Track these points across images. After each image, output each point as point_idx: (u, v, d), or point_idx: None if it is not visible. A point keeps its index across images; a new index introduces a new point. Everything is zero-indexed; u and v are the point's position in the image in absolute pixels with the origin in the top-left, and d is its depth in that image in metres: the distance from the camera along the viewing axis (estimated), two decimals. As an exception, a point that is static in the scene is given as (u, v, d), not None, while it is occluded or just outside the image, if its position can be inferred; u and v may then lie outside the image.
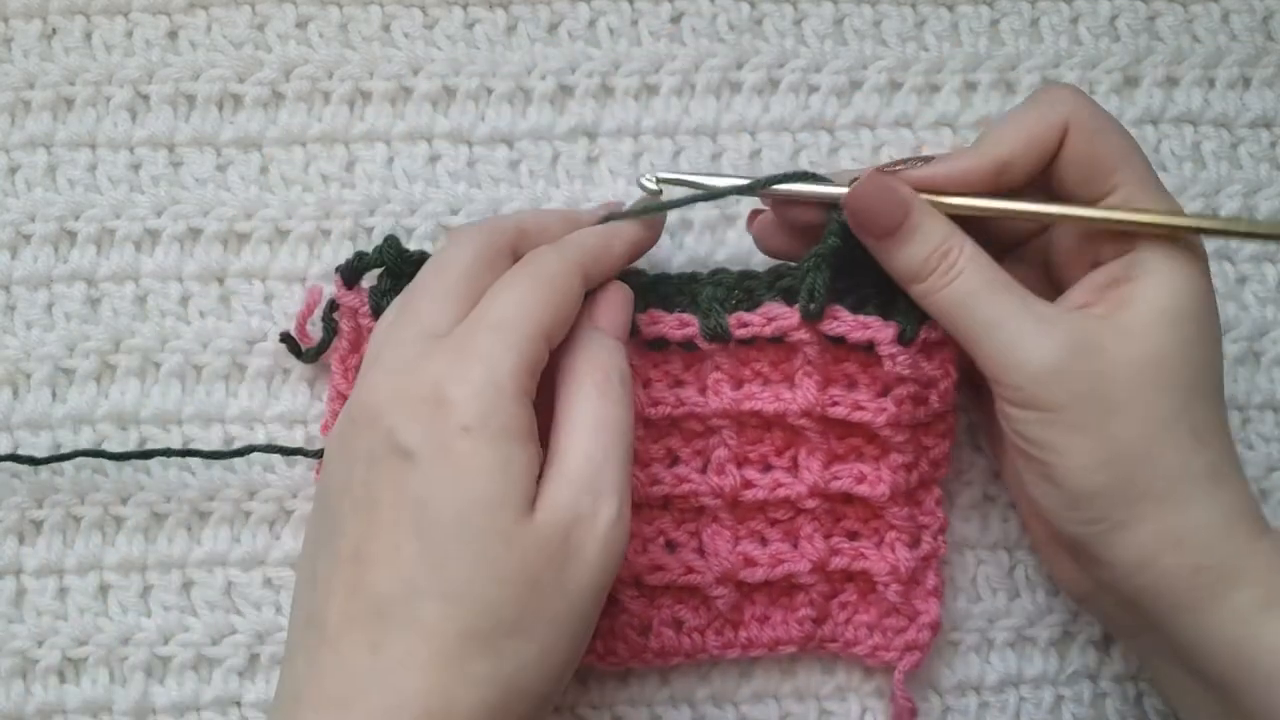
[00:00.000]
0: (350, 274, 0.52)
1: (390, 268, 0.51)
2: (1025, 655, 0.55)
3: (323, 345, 0.54)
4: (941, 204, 0.48)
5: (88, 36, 0.58)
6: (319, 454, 0.53)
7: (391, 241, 0.51)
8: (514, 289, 0.45)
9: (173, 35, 0.58)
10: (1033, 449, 0.47)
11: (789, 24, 0.58)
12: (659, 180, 0.50)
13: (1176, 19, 0.59)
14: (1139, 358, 0.45)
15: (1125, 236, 0.47)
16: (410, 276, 0.51)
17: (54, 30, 0.58)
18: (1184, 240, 0.47)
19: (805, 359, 0.51)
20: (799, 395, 0.51)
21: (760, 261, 0.54)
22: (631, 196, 0.56)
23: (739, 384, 0.52)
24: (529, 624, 0.41)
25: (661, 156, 0.57)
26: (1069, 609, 0.55)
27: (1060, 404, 0.45)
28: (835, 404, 0.51)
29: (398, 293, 0.51)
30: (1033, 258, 0.52)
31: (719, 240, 0.57)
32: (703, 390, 0.52)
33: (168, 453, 0.53)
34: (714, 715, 0.55)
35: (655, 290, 0.52)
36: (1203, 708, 0.47)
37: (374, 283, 0.52)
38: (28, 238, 0.56)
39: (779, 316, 0.50)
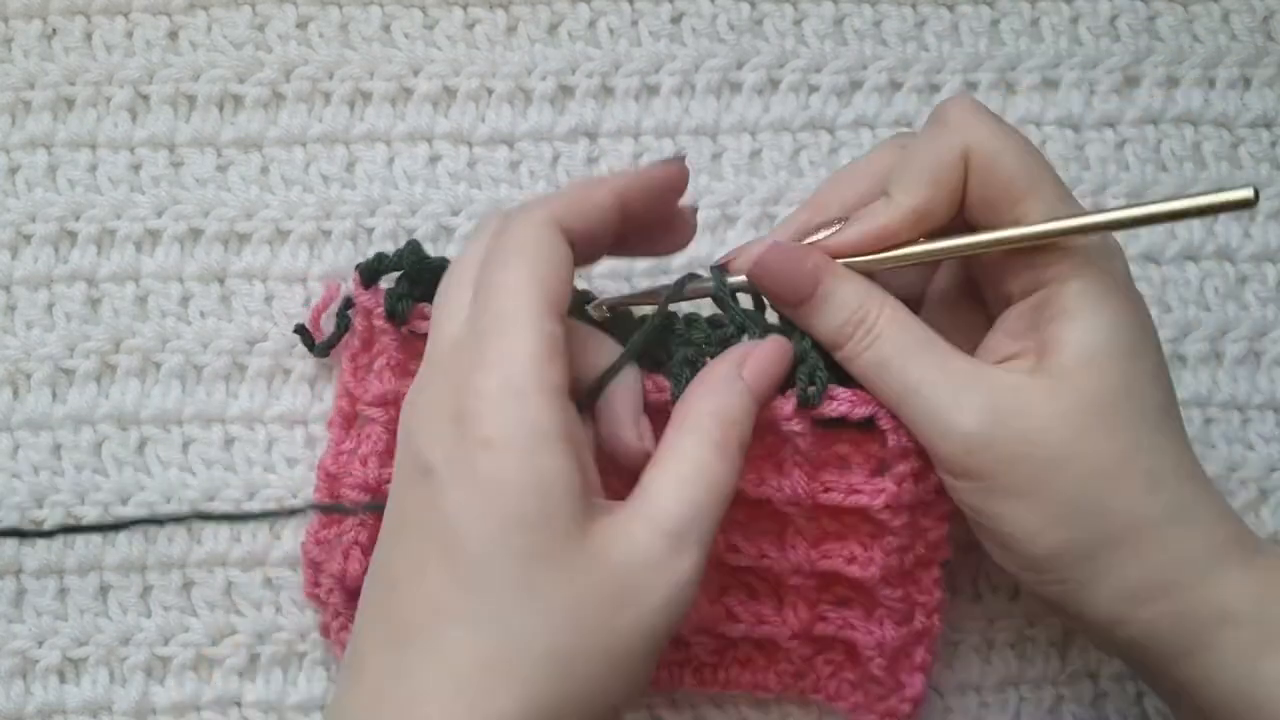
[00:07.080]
0: (369, 274, 0.51)
1: (409, 272, 0.51)
2: (1025, 655, 0.55)
3: (333, 340, 0.53)
4: (857, 263, 0.46)
5: (88, 36, 0.58)
6: (312, 509, 0.52)
7: (413, 246, 0.51)
8: (499, 272, 0.40)
9: (173, 35, 0.58)
10: (978, 517, 0.44)
11: (789, 24, 0.58)
12: (604, 306, 0.48)
13: (1176, 19, 0.59)
14: (1072, 408, 0.42)
15: (1039, 266, 0.44)
16: (428, 283, 0.50)
17: (54, 30, 0.58)
18: (1106, 270, 0.44)
19: (795, 449, 0.47)
20: (787, 485, 0.48)
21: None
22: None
23: None
24: (566, 658, 0.38)
25: (661, 156, 0.57)
26: (1069, 609, 0.55)
27: (990, 471, 0.43)
28: (828, 490, 0.48)
29: (414, 297, 0.50)
30: (958, 293, 0.49)
31: (719, 240, 0.56)
32: None
33: (176, 520, 0.54)
34: (714, 715, 0.55)
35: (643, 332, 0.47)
36: None
37: (391, 284, 0.51)
38: (28, 238, 0.56)
39: (771, 407, 0.46)
